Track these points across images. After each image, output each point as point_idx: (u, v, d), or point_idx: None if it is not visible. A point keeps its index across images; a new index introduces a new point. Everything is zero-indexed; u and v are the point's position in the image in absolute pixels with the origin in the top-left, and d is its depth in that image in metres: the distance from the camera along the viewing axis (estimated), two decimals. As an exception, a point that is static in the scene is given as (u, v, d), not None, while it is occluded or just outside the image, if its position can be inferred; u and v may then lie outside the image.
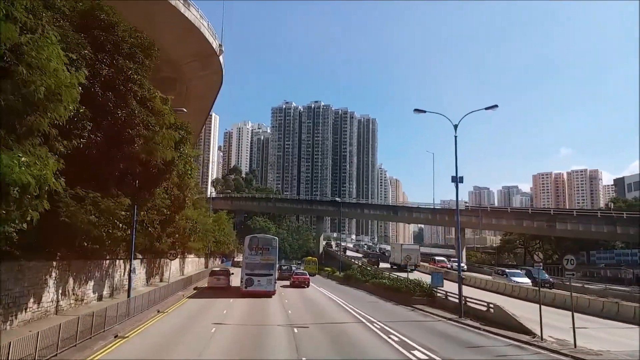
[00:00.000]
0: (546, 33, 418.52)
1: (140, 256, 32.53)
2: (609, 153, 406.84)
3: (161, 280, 39.56)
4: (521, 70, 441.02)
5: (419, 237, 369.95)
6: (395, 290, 30.66)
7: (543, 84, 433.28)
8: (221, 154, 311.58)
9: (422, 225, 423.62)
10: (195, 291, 35.01)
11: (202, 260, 65.47)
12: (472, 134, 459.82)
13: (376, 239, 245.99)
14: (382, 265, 57.04)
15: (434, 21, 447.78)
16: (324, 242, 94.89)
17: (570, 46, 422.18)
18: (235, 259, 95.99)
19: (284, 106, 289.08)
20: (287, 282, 43.54)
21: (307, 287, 41.23)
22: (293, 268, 53.08)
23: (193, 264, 57.30)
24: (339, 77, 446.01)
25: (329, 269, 63.08)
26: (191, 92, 61.18)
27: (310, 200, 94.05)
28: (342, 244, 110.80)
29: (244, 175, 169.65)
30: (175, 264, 47.12)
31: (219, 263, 76.78)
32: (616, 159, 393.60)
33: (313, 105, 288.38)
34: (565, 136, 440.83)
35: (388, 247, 75.76)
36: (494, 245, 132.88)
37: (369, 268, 47.95)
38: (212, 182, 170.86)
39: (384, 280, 34.51)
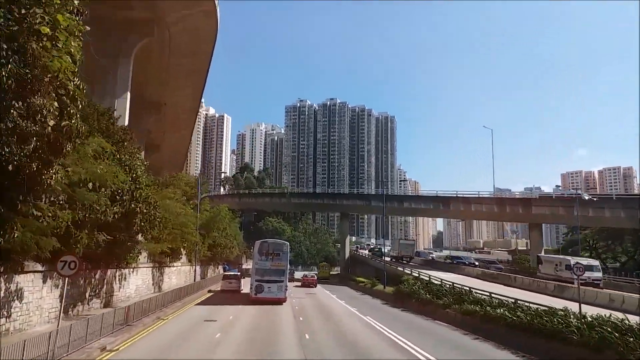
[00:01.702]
0: (558, 33, 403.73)
1: (40, 267, 17.06)
2: (625, 152, 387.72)
3: (106, 306, 24.04)
4: (534, 70, 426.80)
5: (438, 241, 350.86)
6: (547, 335, 14.33)
7: (556, 85, 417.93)
8: (234, 157, 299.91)
9: (442, 229, 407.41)
10: (149, 330, 19.21)
11: (197, 269, 49.94)
12: (487, 136, 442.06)
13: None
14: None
15: (442, 20, 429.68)
16: (351, 246, 78.79)
17: (579, 46, 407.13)
18: (244, 266, 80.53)
19: (298, 104, 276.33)
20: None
21: (315, 287, 48.97)
22: (302, 274, 58.09)
23: (181, 275, 41.75)
24: (355, 75, 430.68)
25: (364, 280, 46.95)
26: (176, 43, 45.88)
27: (333, 194, 77.48)
28: (362, 246, 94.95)
29: (256, 174, 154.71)
30: (143, 276, 31.58)
31: (220, 272, 61.16)
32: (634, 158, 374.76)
33: (329, 103, 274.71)
34: (580, 137, 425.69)
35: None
36: (519, 248, 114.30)
37: (437, 282, 31.22)
38: (221, 180, 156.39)
39: (501, 310, 18.02)
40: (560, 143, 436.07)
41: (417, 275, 35.99)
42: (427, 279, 32.49)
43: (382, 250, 43.55)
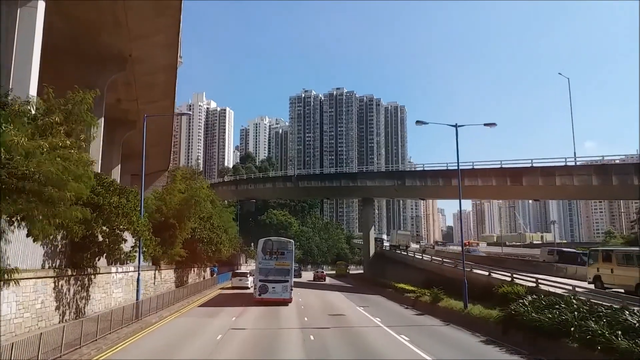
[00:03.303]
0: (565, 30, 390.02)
1: None
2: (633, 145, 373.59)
3: None
4: (540, 64, 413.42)
5: (448, 236, 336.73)
6: None
7: (561, 79, 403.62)
8: (238, 152, 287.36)
9: (452, 224, 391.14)
10: None
11: (170, 274, 34.98)
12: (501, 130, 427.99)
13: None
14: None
15: (446, 17, 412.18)
16: (375, 239, 63.71)
17: (580, 45, 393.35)
18: (242, 268, 65.62)
19: (302, 95, 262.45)
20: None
21: (324, 280, 58.39)
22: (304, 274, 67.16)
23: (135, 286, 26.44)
24: (361, 67, 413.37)
25: (411, 288, 31.57)
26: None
27: (352, 174, 61.18)
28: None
29: (258, 164, 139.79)
30: (27, 295, 16.52)
31: (207, 276, 46.24)
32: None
33: (335, 93, 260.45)
34: (587, 130, 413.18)
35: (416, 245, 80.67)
36: (533, 242, 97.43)
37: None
38: (220, 171, 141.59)
39: None
40: (564, 137, 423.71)
41: (530, 283, 20.36)
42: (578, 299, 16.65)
43: (462, 243, 27.53)
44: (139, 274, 21.47)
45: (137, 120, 62.81)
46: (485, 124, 23.29)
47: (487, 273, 25.31)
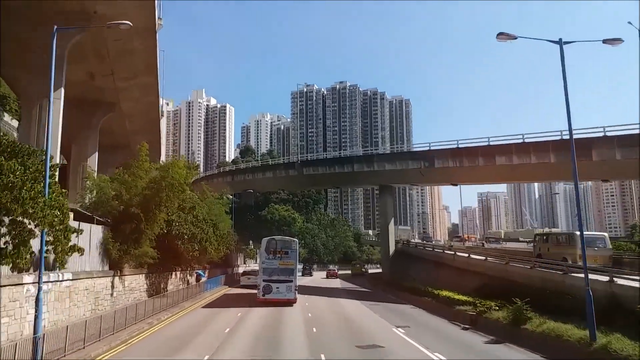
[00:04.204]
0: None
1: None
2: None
3: None
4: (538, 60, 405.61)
5: (453, 234, 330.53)
6: None
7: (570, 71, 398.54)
8: (239, 150, 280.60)
9: (457, 222, 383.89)
10: None
11: (139, 280, 26.62)
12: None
13: (416, 235, 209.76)
14: None
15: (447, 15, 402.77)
16: (396, 234, 54.80)
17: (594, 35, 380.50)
18: (241, 268, 57.41)
19: (304, 89, 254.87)
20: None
21: (336, 278, 61.10)
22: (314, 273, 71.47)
23: (63, 304, 17.86)
24: (365, 58, 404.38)
25: (473, 300, 22.61)
26: None
27: (368, 156, 51.64)
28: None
29: (259, 158, 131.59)
30: None
31: (192, 282, 37.74)
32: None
33: (338, 87, 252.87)
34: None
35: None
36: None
37: None
38: (218, 165, 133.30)
39: None
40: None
41: None
42: None
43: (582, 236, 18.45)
44: (39, 288, 12.81)
45: (116, 102, 53.74)
46: (604, 41, 14.72)
47: (606, 278, 16.44)
